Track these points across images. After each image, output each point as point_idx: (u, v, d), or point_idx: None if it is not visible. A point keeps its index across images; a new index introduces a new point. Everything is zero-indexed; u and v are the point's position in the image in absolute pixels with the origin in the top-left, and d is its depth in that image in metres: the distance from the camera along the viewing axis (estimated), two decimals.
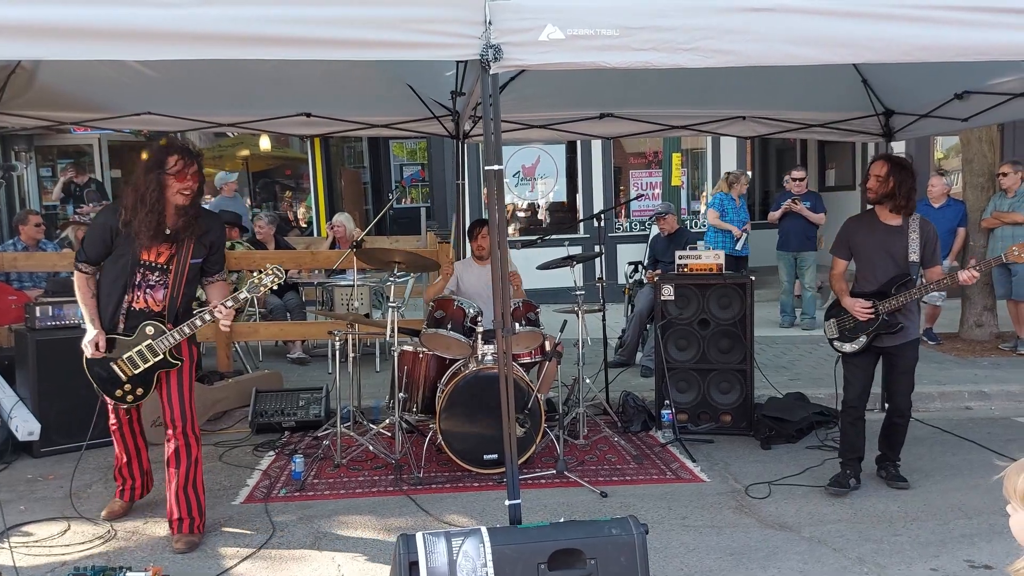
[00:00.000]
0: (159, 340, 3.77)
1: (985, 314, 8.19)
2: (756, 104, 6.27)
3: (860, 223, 4.56)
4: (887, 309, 4.32)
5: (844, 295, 4.47)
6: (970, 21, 3.07)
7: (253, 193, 13.62)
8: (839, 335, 4.52)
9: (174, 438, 3.86)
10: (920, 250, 4.34)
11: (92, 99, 5.77)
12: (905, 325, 4.36)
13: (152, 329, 3.78)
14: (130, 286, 3.78)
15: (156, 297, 3.81)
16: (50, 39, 2.72)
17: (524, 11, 2.92)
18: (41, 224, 7.30)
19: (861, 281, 4.50)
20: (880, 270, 4.40)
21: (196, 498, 3.91)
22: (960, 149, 9.05)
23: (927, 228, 4.39)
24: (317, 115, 6.30)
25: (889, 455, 4.60)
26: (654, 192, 11.66)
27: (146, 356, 3.79)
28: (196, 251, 3.85)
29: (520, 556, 2.64)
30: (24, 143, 11.91)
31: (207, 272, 3.99)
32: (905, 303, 4.31)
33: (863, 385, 4.48)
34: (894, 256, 4.37)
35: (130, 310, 3.80)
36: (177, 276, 3.82)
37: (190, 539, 3.86)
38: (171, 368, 3.84)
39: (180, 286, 3.84)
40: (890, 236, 4.39)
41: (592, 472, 4.84)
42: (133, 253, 3.74)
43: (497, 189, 3.12)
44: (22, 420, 5.09)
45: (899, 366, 4.44)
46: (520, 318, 5.07)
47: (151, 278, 3.80)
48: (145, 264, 3.77)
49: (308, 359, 7.88)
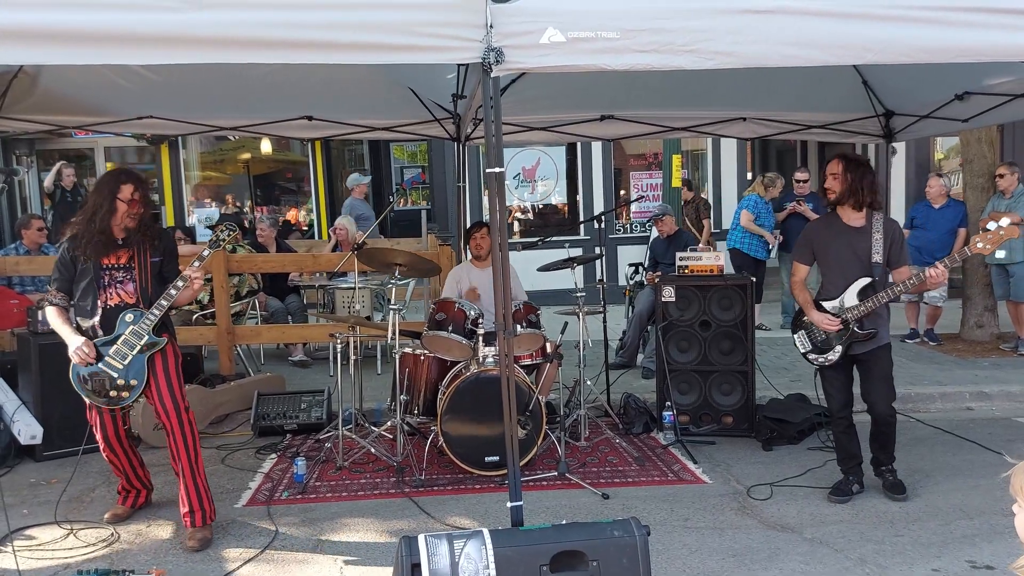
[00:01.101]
0: (140, 322, 3.83)
1: (986, 315, 8.19)
2: (756, 105, 6.28)
3: (821, 225, 4.43)
4: (855, 317, 4.17)
5: (809, 308, 4.32)
6: (970, 22, 3.09)
7: (254, 196, 13.61)
8: (812, 347, 4.37)
9: (170, 429, 3.90)
10: (885, 251, 4.19)
11: (94, 103, 5.79)
12: (876, 330, 4.21)
13: (131, 316, 3.85)
14: (100, 288, 3.89)
15: (127, 290, 3.92)
16: (52, 44, 2.73)
17: (525, 14, 2.94)
18: (43, 228, 7.32)
19: (827, 286, 4.34)
20: (845, 274, 4.25)
21: (204, 484, 3.98)
22: (960, 150, 9.06)
23: (891, 227, 4.25)
24: (319, 118, 6.31)
25: (882, 459, 4.46)
26: (654, 194, 11.66)
27: (132, 343, 3.83)
28: (153, 252, 3.99)
29: (522, 558, 2.64)
30: (25, 147, 11.93)
31: (164, 279, 4.03)
32: (874, 308, 4.16)
33: (845, 394, 4.38)
34: (859, 257, 4.21)
35: (106, 308, 3.89)
36: (142, 270, 3.94)
37: (203, 534, 3.90)
38: (158, 349, 3.88)
39: (147, 278, 3.95)
40: (853, 237, 4.24)
41: (594, 474, 4.84)
42: (95, 263, 3.88)
43: (498, 191, 3.13)
44: (25, 424, 5.10)
45: (874, 372, 4.27)
46: (521, 320, 5.08)
47: (117, 276, 3.93)
48: (108, 267, 3.91)
49: (310, 362, 7.88)
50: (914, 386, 6.52)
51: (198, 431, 4.01)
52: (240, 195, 13.87)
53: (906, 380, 6.67)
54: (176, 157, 12.53)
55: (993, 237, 3.84)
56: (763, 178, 9.05)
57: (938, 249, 8.03)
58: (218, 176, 13.83)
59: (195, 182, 13.24)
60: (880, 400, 4.29)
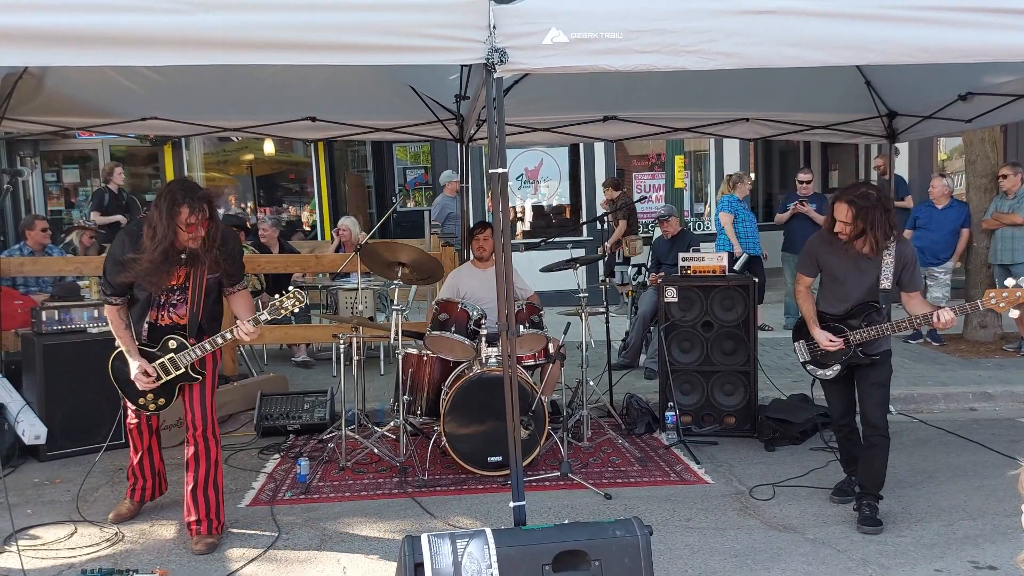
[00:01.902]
0: (181, 355, 3.85)
1: (989, 315, 8.18)
2: (759, 106, 6.28)
3: (828, 243, 4.14)
4: (858, 340, 4.02)
5: (812, 323, 4.16)
6: (972, 22, 3.08)
7: (256, 197, 13.63)
8: (811, 359, 4.27)
9: (194, 440, 3.91)
10: (895, 275, 4.00)
11: (99, 104, 5.80)
12: (878, 352, 4.06)
13: (175, 343, 3.86)
14: (154, 305, 3.89)
15: (179, 312, 3.92)
16: (59, 45, 2.74)
17: (528, 15, 2.94)
18: (47, 229, 7.33)
19: (828, 298, 4.20)
20: (849, 294, 4.10)
21: (216, 499, 3.96)
22: (963, 150, 9.06)
23: (904, 251, 4.00)
24: (322, 119, 6.32)
25: (867, 485, 4.09)
26: (657, 195, 11.67)
27: (168, 369, 3.86)
28: (211, 267, 3.90)
29: (524, 557, 2.65)
30: (30, 148, 11.95)
31: (226, 284, 4.03)
32: (878, 337, 3.99)
33: (846, 402, 4.28)
34: (866, 282, 4.05)
35: (154, 325, 3.91)
36: (196, 292, 3.89)
37: (209, 540, 3.89)
38: (193, 382, 3.90)
39: (199, 301, 3.91)
40: (862, 261, 4.04)
41: (596, 474, 4.85)
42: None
43: (501, 192, 3.14)
44: (29, 424, 5.11)
45: (870, 378, 4.09)
46: (524, 320, 5.09)
47: (172, 298, 3.91)
48: (166, 288, 3.86)
49: (313, 362, 7.90)
50: (917, 387, 6.52)
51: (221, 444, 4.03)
52: (243, 196, 13.89)
53: (909, 381, 6.67)
54: (179, 158, 12.54)
55: (1009, 296, 3.64)
56: (728, 178, 9.07)
57: (941, 250, 8.04)
58: (221, 177, 13.85)
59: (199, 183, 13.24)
60: (872, 408, 4.06)
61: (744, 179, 9.01)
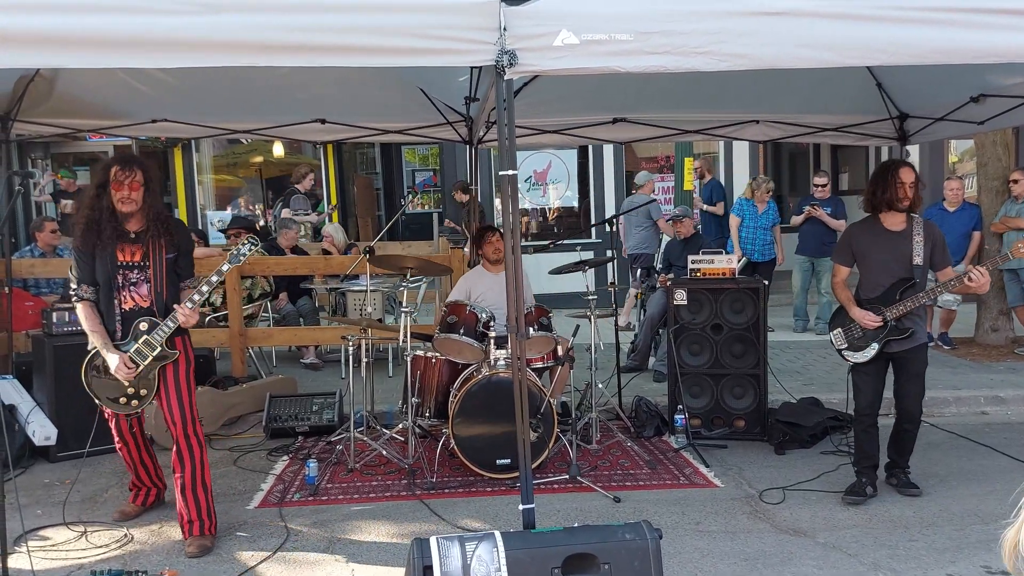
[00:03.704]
0: (153, 333, 3.82)
1: (1001, 318, 8.13)
2: (769, 108, 6.25)
3: (862, 228, 4.51)
4: (895, 315, 4.29)
5: (851, 305, 4.42)
6: (984, 23, 3.07)
7: (266, 199, 13.67)
8: (848, 345, 4.46)
9: (175, 440, 3.89)
10: (927, 253, 4.31)
11: (110, 107, 5.82)
12: (914, 329, 4.33)
13: (145, 324, 3.85)
14: (115, 289, 3.87)
15: (141, 293, 3.89)
16: (70, 48, 2.76)
17: (539, 17, 2.94)
18: (57, 231, 7.36)
19: (865, 286, 4.45)
20: (885, 275, 4.37)
21: (205, 499, 3.93)
22: (974, 152, 9.00)
23: (932, 231, 4.37)
24: (332, 121, 6.33)
25: (898, 462, 4.55)
26: (667, 197, 11.64)
27: (144, 353, 3.83)
28: (168, 249, 3.92)
29: (534, 561, 2.64)
30: (40, 150, 12.02)
31: (178, 276, 4.02)
32: (913, 308, 4.28)
33: (874, 392, 4.43)
34: (899, 260, 4.33)
35: (123, 312, 3.88)
36: (156, 271, 3.89)
37: (201, 542, 3.87)
38: (169, 361, 3.87)
39: (162, 280, 3.90)
40: (893, 241, 4.36)
41: (605, 477, 4.84)
42: (109, 255, 3.83)
43: (511, 194, 3.13)
44: (39, 425, 5.13)
45: (909, 370, 4.39)
46: (532, 323, 5.08)
47: (131, 276, 3.88)
48: (123, 265, 3.86)
49: (321, 364, 7.90)
50: (928, 390, 6.35)
51: (205, 441, 3.99)
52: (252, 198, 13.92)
53: None
54: (189, 160, 12.59)
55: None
56: (751, 182, 9.23)
57: (952, 252, 7.97)
58: (231, 179, 13.89)
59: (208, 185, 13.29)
60: (910, 397, 4.40)
61: (762, 185, 8.99)
